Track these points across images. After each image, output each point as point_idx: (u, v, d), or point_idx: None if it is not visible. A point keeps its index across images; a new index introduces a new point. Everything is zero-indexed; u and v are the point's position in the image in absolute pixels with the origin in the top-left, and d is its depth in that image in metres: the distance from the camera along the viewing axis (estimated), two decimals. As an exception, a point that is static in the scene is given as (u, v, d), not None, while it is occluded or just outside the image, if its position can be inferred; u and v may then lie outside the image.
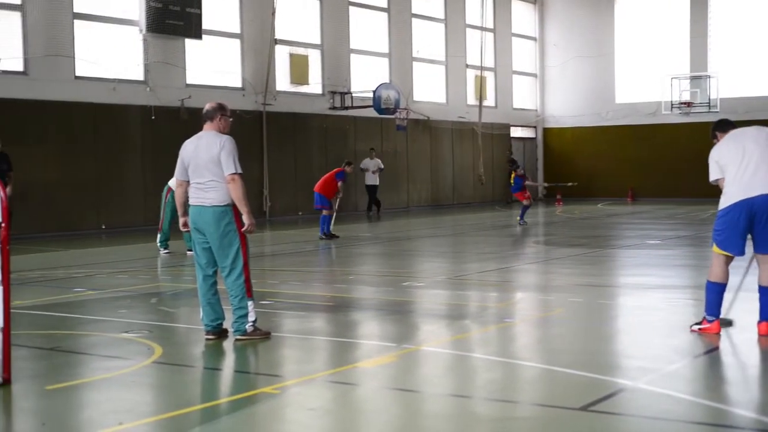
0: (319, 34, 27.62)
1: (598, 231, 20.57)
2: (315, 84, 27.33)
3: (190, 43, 23.51)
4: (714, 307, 7.80)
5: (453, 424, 5.55)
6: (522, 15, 37.01)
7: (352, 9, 28.80)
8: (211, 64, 24.34)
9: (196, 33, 23.38)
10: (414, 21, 31.35)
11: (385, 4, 30.19)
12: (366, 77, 28.72)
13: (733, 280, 8.19)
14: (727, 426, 5.43)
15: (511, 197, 28.06)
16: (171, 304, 10.52)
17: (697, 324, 7.95)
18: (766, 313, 7.71)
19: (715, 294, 7.80)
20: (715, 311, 7.80)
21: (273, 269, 13.70)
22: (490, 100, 34.92)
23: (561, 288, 11.14)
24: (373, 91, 27.06)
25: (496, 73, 35.52)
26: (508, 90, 36.30)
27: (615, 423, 5.48)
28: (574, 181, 33.17)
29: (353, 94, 27.97)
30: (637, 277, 12.14)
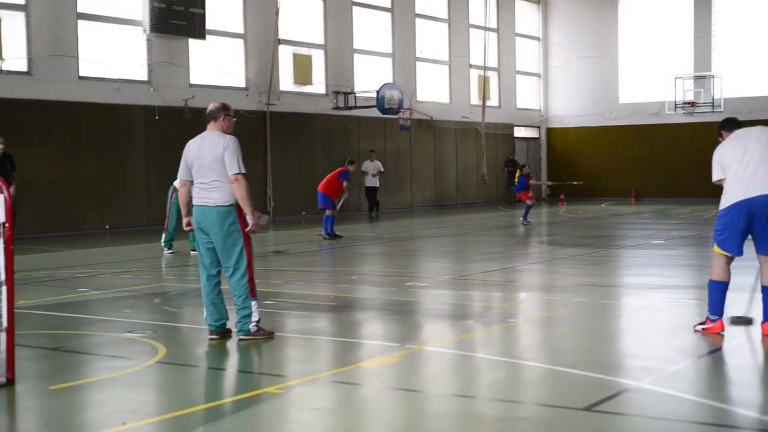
0: (323, 34, 27.63)
1: (602, 231, 20.56)
2: (318, 84, 27.34)
3: (193, 43, 23.54)
4: (716, 306, 7.79)
5: (456, 424, 5.54)
6: (525, 15, 37.00)
7: (355, 9, 28.80)
8: (215, 64, 24.36)
9: (200, 33, 23.39)
10: (417, 21, 31.35)
11: (388, 4, 30.19)
12: (369, 77, 28.72)
13: (748, 281, 8.17)
14: (730, 426, 5.43)
15: (515, 197, 28.04)
16: (175, 304, 10.52)
17: (701, 324, 7.95)
18: (770, 313, 7.71)
19: (717, 293, 7.79)
20: (717, 310, 7.79)
21: (276, 269, 13.71)
22: (493, 100, 34.91)
23: (564, 288, 11.14)
24: (377, 91, 27.07)
25: (499, 73, 35.51)
26: (512, 90, 36.29)
27: (619, 423, 5.48)
28: (576, 185, 33.22)
29: (357, 94, 27.98)
30: (641, 277, 12.13)
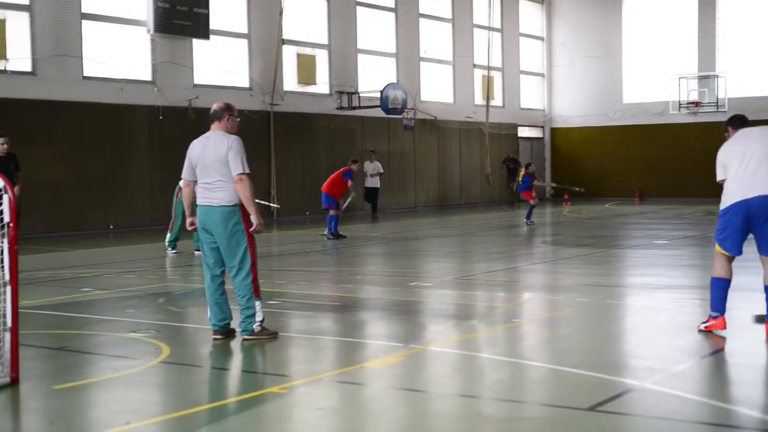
0: (327, 34, 27.64)
1: (606, 231, 20.54)
2: (322, 84, 27.34)
3: (197, 43, 23.56)
4: (718, 303, 7.81)
5: (460, 424, 5.54)
6: (529, 15, 36.97)
7: (359, 9, 28.81)
8: (219, 64, 24.38)
9: (204, 33, 23.41)
10: (421, 21, 31.35)
11: (392, 4, 30.19)
12: (373, 77, 28.72)
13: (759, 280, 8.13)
14: (734, 426, 5.42)
15: (518, 197, 28.02)
16: (179, 304, 10.53)
17: (704, 323, 7.95)
18: (773, 313, 7.71)
19: (718, 290, 7.82)
20: (719, 307, 7.81)
21: (280, 269, 13.71)
22: (497, 100, 34.90)
23: (568, 288, 11.14)
24: (381, 91, 27.07)
25: (503, 73, 35.49)
26: (516, 90, 36.27)
27: (623, 423, 5.48)
28: (581, 182, 33.11)
29: (360, 94, 27.98)
30: (645, 277, 12.12)
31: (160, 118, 22.56)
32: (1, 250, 6.40)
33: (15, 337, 6.41)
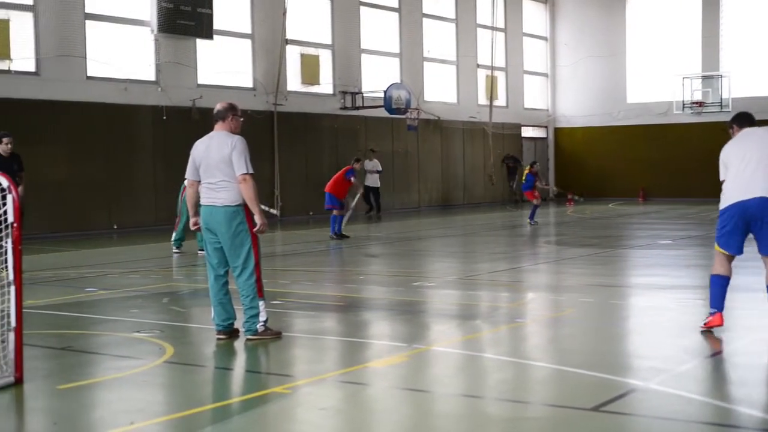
0: (330, 34, 27.64)
1: (609, 231, 20.53)
2: (326, 84, 27.35)
3: (201, 43, 23.56)
4: (716, 300, 7.83)
5: (464, 424, 5.54)
6: (533, 15, 36.95)
7: (362, 9, 28.80)
8: (223, 64, 24.38)
9: (208, 33, 23.42)
10: (425, 21, 31.34)
11: (395, 4, 30.19)
12: (377, 77, 28.71)
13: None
14: (738, 426, 5.42)
15: (522, 197, 27.99)
16: (182, 304, 10.54)
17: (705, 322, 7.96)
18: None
19: (717, 287, 7.85)
20: (717, 304, 7.82)
21: (284, 269, 13.72)
22: (501, 100, 34.88)
23: (572, 288, 11.13)
24: (384, 91, 27.06)
25: (507, 73, 35.47)
26: (519, 90, 36.25)
27: (626, 423, 5.47)
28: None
29: (364, 94, 27.98)
30: (648, 278, 12.11)
31: (164, 118, 22.57)
32: (5, 250, 6.41)
33: (19, 336, 6.42)
